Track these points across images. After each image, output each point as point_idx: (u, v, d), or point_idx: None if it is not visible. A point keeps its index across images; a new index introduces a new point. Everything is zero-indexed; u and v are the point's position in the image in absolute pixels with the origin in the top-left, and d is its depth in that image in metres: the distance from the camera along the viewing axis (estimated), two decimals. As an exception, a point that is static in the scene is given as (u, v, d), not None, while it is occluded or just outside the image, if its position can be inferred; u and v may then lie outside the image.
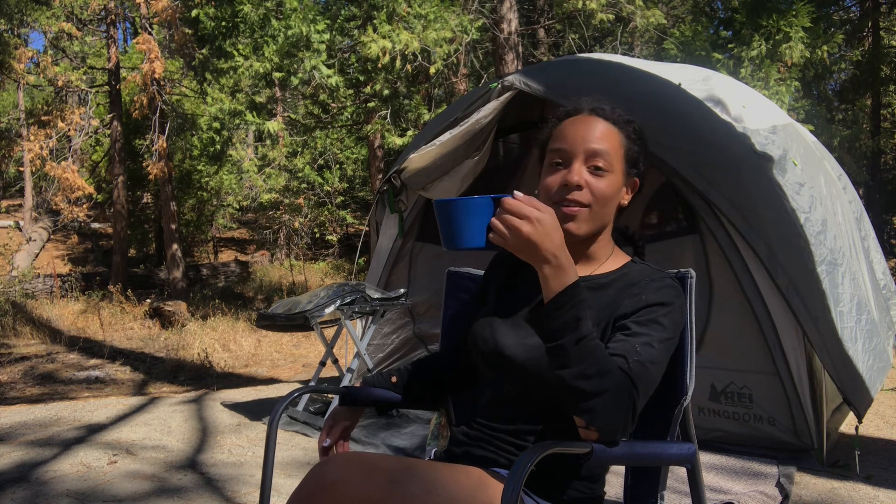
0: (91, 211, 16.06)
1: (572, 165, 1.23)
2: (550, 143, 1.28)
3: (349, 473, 1.10)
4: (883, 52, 11.76)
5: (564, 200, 1.22)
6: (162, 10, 11.31)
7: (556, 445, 1.03)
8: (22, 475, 2.97)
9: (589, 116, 1.28)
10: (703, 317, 3.26)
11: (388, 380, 1.45)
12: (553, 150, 1.27)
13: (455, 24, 8.51)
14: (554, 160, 1.26)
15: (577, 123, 1.27)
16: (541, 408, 1.22)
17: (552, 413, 1.20)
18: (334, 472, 1.11)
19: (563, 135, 1.26)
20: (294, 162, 13.56)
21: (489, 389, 1.30)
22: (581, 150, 1.23)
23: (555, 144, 1.27)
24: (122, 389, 5.89)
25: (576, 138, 1.25)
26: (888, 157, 15.18)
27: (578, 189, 1.22)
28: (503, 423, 1.25)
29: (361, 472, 1.10)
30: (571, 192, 1.22)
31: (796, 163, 3.15)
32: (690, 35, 8.96)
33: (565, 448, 1.06)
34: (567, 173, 1.23)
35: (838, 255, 3.05)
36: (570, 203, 1.22)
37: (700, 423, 3.19)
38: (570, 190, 1.22)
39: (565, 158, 1.25)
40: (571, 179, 1.22)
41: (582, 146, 1.24)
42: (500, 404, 1.26)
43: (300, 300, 3.96)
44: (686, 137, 3.16)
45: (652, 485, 1.28)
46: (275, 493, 2.77)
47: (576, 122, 1.27)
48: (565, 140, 1.25)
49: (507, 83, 3.65)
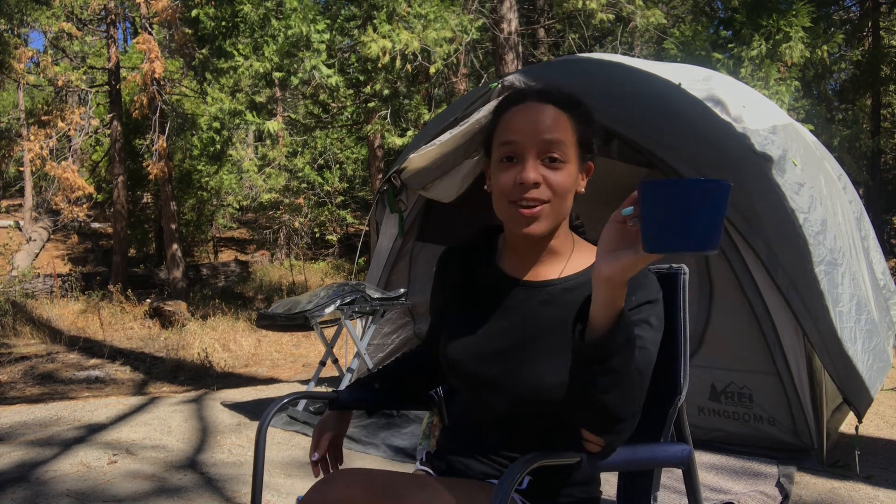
0: (91, 211, 16.06)
1: (526, 160, 1.12)
2: (498, 136, 1.16)
3: (353, 492, 1.08)
4: (883, 52, 11.76)
5: (522, 200, 1.11)
6: (162, 10, 11.31)
7: (545, 457, 1.01)
8: (22, 475, 2.97)
9: (536, 103, 1.15)
10: (703, 317, 3.26)
11: (372, 387, 1.40)
12: (502, 144, 1.14)
13: (455, 23, 8.51)
14: (504, 155, 1.13)
15: (525, 112, 1.14)
16: (530, 421, 1.19)
17: (542, 423, 1.18)
18: (337, 491, 1.09)
19: (511, 126, 1.14)
20: (294, 162, 13.56)
21: (474, 406, 1.25)
22: (533, 143, 1.11)
23: (504, 137, 1.14)
24: (122, 389, 5.89)
25: (526, 129, 1.12)
26: (888, 157, 15.18)
27: (536, 186, 1.11)
28: (493, 435, 1.22)
29: (365, 490, 1.08)
30: (529, 190, 1.11)
31: (796, 163, 3.15)
32: (690, 35, 8.97)
33: (555, 460, 1.04)
34: (521, 170, 1.11)
35: (838, 255, 3.06)
36: (529, 203, 1.11)
37: (700, 423, 3.19)
38: (527, 188, 1.10)
39: (517, 153, 1.12)
40: (528, 177, 1.10)
41: (534, 138, 1.12)
42: (487, 421, 1.22)
43: (300, 300, 3.96)
44: (686, 137, 3.16)
45: (645, 485, 1.28)
46: (275, 492, 2.77)
47: (523, 110, 1.14)
48: (515, 132, 1.13)
49: (507, 83, 3.65)
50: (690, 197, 0.80)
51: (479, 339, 1.21)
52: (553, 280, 1.20)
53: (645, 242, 0.84)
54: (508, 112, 1.16)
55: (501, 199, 1.14)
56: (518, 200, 1.12)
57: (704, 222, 0.80)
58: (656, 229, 0.82)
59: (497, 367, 1.17)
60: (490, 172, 1.18)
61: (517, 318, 1.20)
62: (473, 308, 1.24)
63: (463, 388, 1.27)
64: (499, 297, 1.22)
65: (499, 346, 1.19)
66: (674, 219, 0.80)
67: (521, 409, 1.17)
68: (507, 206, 1.14)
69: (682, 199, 0.80)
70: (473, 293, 1.26)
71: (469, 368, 1.20)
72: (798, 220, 2.92)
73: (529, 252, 1.22)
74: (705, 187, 0.80)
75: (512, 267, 1.24)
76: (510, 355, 1.17)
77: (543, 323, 1.18)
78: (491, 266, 1.27)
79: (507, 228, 1.21)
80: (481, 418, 1.23)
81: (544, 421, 1.17)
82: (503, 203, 1.14)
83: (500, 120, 1.17)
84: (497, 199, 1.15)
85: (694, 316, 3.26)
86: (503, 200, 1.14)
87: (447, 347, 1.24)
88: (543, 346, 1.16)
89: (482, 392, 1.20)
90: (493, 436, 1.22)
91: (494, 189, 1.16)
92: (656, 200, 0.81)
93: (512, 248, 1.24)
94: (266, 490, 2.80)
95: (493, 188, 1.16)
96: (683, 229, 0.80)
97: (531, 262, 1.22)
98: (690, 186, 0.80)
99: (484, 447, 1.22)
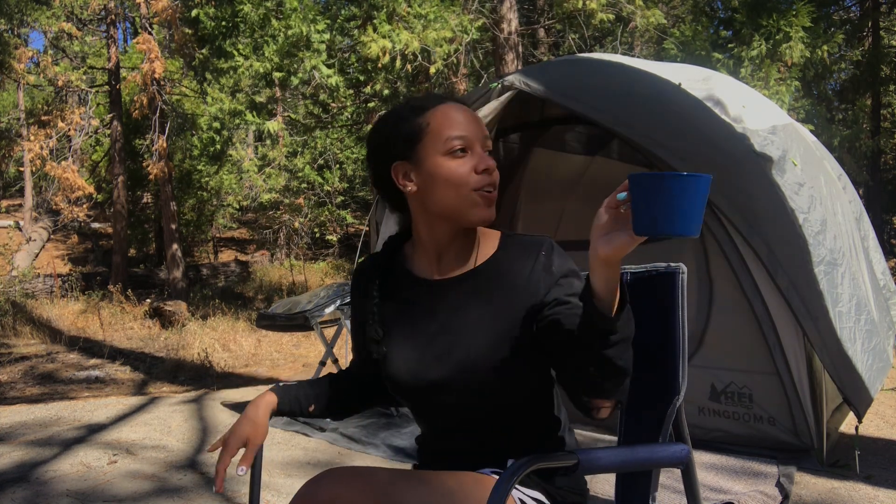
0: (91, 211, 16.06)
1: (475, 150, 1.18)
2: (440, 133, 1.18)
3: (341, 490, 1.08)
4: (883, 52, 11.76)
5: (487, 186, 1.17)
6: (162, 10, 11.30)
7: (541, 460, 1.02)
8: (22, 475, 2.97)
9: (462, 105, 1.22)
10: (703, 317, 3.27)
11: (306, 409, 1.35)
12: (453, 138, 1.17)
13: (455, 24, 8.51)
14: (456, 147, 1.16)
15: (457, 110, 1.20)
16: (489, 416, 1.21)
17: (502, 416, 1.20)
18: (326, 490, 1.09)
19: (454, 122, 1.18)
20: (294, 162, 13.56)
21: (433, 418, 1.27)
22: (477, 137, 1.18)
23: (452, 132, 1.17)
24: (122, 389, 5.89)
25: (468, 124, 1.19)
26: (888, 157, 15.17)
27: (495, 172, 1.19)
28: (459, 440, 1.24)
29: (354, 487, 1.08)
30: (492, 175, 1.17)
31: (796, 163, 3.15)
32: (690, 35, 8.96)
33: (551, 462, 1.05)
34: (478, 159, 1.17)
35: (838, 256, 3.06)
36: (490, 188, 1.17)
37: (700, 423, 3.19)
38: (491, 174, 1.17)
39: (467, 144, 1.17)
40: (490, 164, 1.17)
41: (477, 133, 1.19)
42: (451, 427, 1.25)
43: (300, 300, 3.96)
44: (686, 137, 3.16)
45: (644, 485, 1.28)
46: (275, 492, 2.77)
47: (455, 109, 1.20)
48: (460, 126, 1.18)
49: (507, 83, 3.65)
50: (672, 189, 0.88)
51: (415, 352, 1.22)
52: (468, 272, 1.23)
53: (635, 226, 0.91)
54: (439, 111, 1.19)
55: (459, 189, 1.16)
56: (483, 187, 1.16)
57: (686, 210, 0.89)
58: (645, 215, 0.90)
59: (437, 372, 1.20)
60: (426, 170, 1.18)
61: (442, 318, 1.22)
62: (399, 321, 1.26)
63: (415, 404, 1.28)
64: (420, 302, 1.24)
65: (435, 351, 1.21)
66: (659, 207, 0.89)
67: (473, 402, 1.19)
68: (468, 195, 1.16)
69: (665, 190, 0.88)
70: (393, 307, 1.27)
71: (413, 383, 1.22)
72: (798, 220, 2.92)
73: (444, 251, 1.24)
74: (686, 181, 0.89)
75: (426, 269, 1.26)
76: (445, 358, 1.19)
77: (469, 315, 1.20)
78: (405, 274, 1.28)
79: (452, 219, 1.20)
80: (444, 425, 1.25)
81: (503, 413, 1.20)
82: (461, 192, 1.16)
83: (430, 120, 1.19)
84: (450, 189, 1.16)
85: (694, 316, 3.26)
86: (462, 189, 1.16)
87: (388, 373, 1.25)
88: (472, 336, 1.18)
89: (433, 400, 1.22)
90: (459, 440, 1.24)
91: (445, 181, 1.16)
92: (645, 190, 0.90)
93: (432, 248, 1.24)
94: (266, 490, 2.80)
95: (441, 181, 1.17)
96: (668, 216, 0.89)
97: (445, 260, 1.24)
98: (673, 179, 0.89)
99: (455, 453, 1.24)
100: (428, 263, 1.26)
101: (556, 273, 1.18)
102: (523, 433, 1.23)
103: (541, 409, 1.26)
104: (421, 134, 1.19)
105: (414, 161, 1.19)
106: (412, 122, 1.20)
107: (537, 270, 1.19)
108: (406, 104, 1.24)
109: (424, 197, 1.19)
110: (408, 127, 1.20)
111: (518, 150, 5.09)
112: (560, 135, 5.19)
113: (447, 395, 1.20)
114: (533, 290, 1.18)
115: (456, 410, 1.22)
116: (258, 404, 1.28)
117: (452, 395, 1.20)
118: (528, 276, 1.19)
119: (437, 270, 1.25)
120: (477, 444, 1.23)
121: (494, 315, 1.18)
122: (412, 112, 1.21)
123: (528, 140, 5.09)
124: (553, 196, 5.32)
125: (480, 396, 1.18)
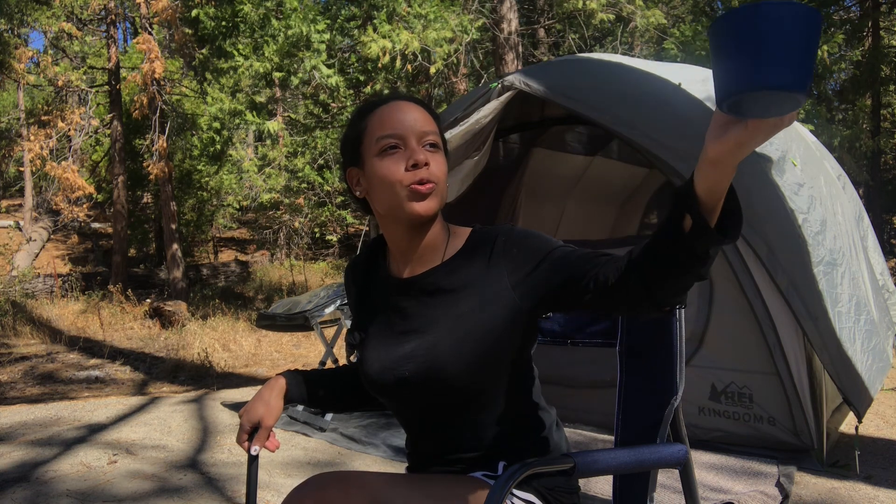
0: (91, 211, 16.07)
1: (410, 146, 1.16)
2: (372, 134, 1.18)
3: (328, 495, 1.08)
4: (883, 52, 11.76)
5: (419, 180, 1.14)
6: (162, 10, 11.30)
7: (538, 464, 1.02)
8: (22, 475, 2.97)
9: (403, 102, 1.20)
10: (703, 317, 3.27)
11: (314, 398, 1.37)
12: (383, 138, 1.16)
13: (455, 23, 8.51)
14: (388, 146, 1.16)
15: (396, 109, 1.19)
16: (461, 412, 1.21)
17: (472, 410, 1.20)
18: (311, 497, 1.08)
19: (388, 121, 1.17)
20: (294, 162, 13.56)
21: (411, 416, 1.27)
22: (412, 132, 1.16)
23: (382, 132, 1.16)
24: (122, 389, 5.89)
25: (404, 122, 1.17)
26: (888, 157, 15.18)
27: (427, 166, 1.15)
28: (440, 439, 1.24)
29: (340, 492, 1.08)
30: (421, 169, 1.14)
31: (795, 163, 3.15)
32: (690, 35, 8.97)
33: (547, 466, 1.04)
34: (410, 154, 1.15)
35: (837, 256, 3.06)
36: (423, 181, 1.14)
37: (700, 423, 3.19)
38: (419, 167, 1.14)
39: (400, 141, 1.16)
40: (419, 158, 1.14)
41: (413, 128, 1.17)
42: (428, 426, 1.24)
43: (300, 300, 3.96)
44: (686, 137, 3.16)
45: (642, 486, 1.28)
46: (275, 492, 2.77)
47: (394, 108, 1.19)
48: (393, 125, 1.16)
49: (507, 83, 3.65)
50: (769, 15, 0.68)
51: (387, 352, 1.22)
52: (433, 268, 1.22)
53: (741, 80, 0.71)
54: (376, 113, 1.19)
55: (393, 187, 1.15)
56: (415, 180, 1.14)
57: (800, 51, 0.68)
58: (745, 62, 0.68)
59: (406, 370, 1.19)
60: (367, 173, 1.19)
61: (412, 316, 1.22)
62: (375, 322, 1.27)
63: (391, 404, 1.28)
64: (392, 302, 1.25)
65: (405, 350, 1.20)
66: (765, 46, 0.68)
67: (445, 400, 1.19)
68: (401, 190, 1.15)
69: (773, 22, 0.68)
70: (370, 308, 1.29)
71: (385, 383, 1.22)
72: (797, 221, 2.93)
73: (406, 250, 1.23)
74: (797, 10, 0.67)
75: (398, 269, 1.26)
76: (413, 356, 1.19)
77: (435, 312, 1.20)
78: (384, 274, 1.29)
79: (397, 218, 1.19)
80: (422, 426, 1.25)
81: (477, 411, 1.19)
82: (395, 190, 1.14)
83: (367, 122, 1.19)
84: (385, 189, 1.16)
85: (694, 316, 3.26)
86: (395, 187, 1.15)
87: (364, 372, 1.26)
88: (438, 333, 1.18)
89: (408, 399, 1.22)
90: (438, 440, 1.24)
91: (380, 181, 1.16)
92: (736, 29, 0.69)
93: (396, 248, 1.25)
94: (266, 490, 2.80)
95: (380, 179, 1.16)
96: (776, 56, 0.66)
97: (413, 258, 1.24)
98: (770, 5, 0.68)
99: (437, 454, 1.24)
100: (398, 263, 1.26)
101: (519, 243, 1.17)
102: (503, 433, 1.22)
103: (519, 408, 1.24)
104: (361, 137, 1.20)
105: (360, 165, 1.20)
106: (356, 127, 1.21)
107: (496, 254, 1.18)
108: (355, 109, 1.25)
109: (371, 199, 1.20)
110: (353, 132, 1.22)
111: (518, 150, 5.10)
112: (560, 135, 5.19)
113: (420, 393, 1.20)
114: (496, 274, 1.17)
115: (432, 410, 1.22)
116: (272, 386, 1.30)
117: (424, 393, 1.19)
118: (488, 263, 1.18)
119: (406, 269, 1.25)
120: (457, 445, 1.22)
121: (459, 311, 1.18)
122: (357, 116, 1.23)
123: (528, 140, 5.09)
124: (553, 196, 5.32)
125: (450, 394, 1.18)
